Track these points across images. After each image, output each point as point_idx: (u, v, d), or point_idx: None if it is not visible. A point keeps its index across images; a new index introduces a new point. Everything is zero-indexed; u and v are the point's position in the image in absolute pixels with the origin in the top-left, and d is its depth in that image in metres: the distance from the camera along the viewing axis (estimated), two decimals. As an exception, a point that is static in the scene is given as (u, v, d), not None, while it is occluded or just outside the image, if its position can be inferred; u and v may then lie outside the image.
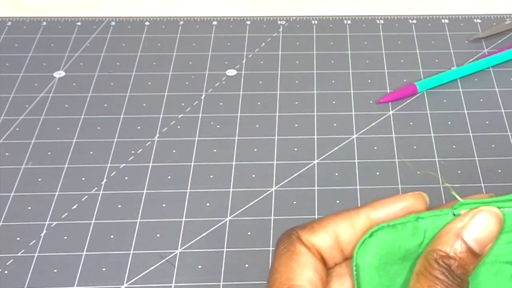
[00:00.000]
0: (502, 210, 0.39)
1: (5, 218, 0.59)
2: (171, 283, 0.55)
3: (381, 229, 0.38)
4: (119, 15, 0.80)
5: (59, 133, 0.66)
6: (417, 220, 0.39)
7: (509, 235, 0.39)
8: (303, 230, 0.39)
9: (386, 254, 0.38)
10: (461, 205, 0.39)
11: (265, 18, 0.80)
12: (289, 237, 0.39)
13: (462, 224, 0.38)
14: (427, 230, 0.39)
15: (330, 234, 0.39)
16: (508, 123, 0.67)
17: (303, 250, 0.39)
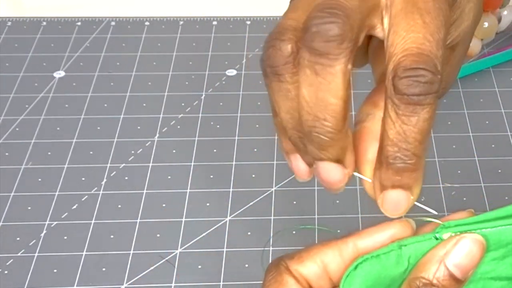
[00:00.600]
0: (484, 231, 0.39)
1: (5, 218, 0.59)
2: (171, 283, 0.55)
3: (365, 261, 0.39)
4: (119, 15, 0.80)
5: (59, 133, 0.66)
6: (400, 248, 0.39)
7: (492, 253, 0.40)
8: (291, 260, 0.39)
9: (372, 285, 0.39)
10: (442, 228, 0.39)
11: (265, 18, 0.80)
12: (277, 267, 0.40)
13: (445, 250, 0.38)
14: (410, 256, 0.39)
15: (318, 263, 0.39)
16: (508, 123, 0.67)
17: (290, 281, 0.39)
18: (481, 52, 0.74)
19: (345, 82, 0.36)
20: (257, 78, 0.72)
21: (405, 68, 0.36)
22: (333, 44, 0.35)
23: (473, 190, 0.61)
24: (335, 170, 0.38)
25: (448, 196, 0.60)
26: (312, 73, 0.36)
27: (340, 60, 0.35)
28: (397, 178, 0.38)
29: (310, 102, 0.36)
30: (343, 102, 0.36)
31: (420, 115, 0.36)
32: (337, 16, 0.35)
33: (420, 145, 0.37)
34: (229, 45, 0.76)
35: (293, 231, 0.57)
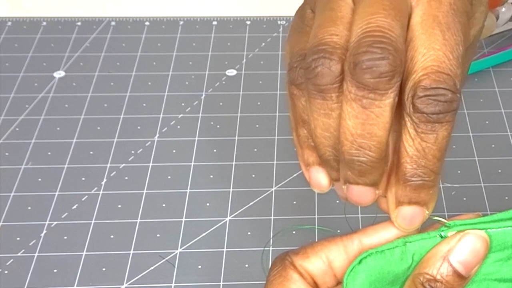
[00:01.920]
0: (488, 231, 0.39)
1: (5, 218, 0.59)
2: (171, 283, 0.55)
3: (370, 256, 0.39)
4: (119, 15, 0.80)
5: (59, 133, 0.66)
6: (405, 244, 0.39)
7: (496, 254, 0.40)
8: (297, 256, 0.40)
9: (376, 280, 0.39)
10: (448, 227, 0.39)
11: (265, 18, 0.80)
12: (283, 262, 0.40)
13: (449, 247, 0.39)
14: (415, 253, 0.39)
15: (323, 259, 0.39)
16: (508, 123, 0.67)
17: (295, 276, 0.39)
18: (481, 52, 0.74)
19: (392, 114, 0.36)
20: (257, 78, 0.72)
21: (425, 88, 0.35)
22: (384, 80, 0.35)
23: (473, 190, 0.61)
24: (368, 192, 0.38)
25: (448, 196, 0.60)
26: (359, 107, 0.35)
27: (390, 95, 0.35)
28: (414, 195, 0.37)
29: (355, 134, 0.36)
30: (388, 133, 0.36)
31: (439, 133, 0.36)
32: (387, 52, 0.35)
33: (438, 162, 0.37)
34: (229, 45, 0.76)
35: (293, 231, 0.57)
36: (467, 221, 0.39)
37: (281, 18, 0.80)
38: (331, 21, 0.38)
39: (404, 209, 0.38)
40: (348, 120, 0.36)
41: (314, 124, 0.38)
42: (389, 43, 0.35)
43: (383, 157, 0.36)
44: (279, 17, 0.80)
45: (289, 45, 0.42)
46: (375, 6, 0.36)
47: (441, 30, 0.36)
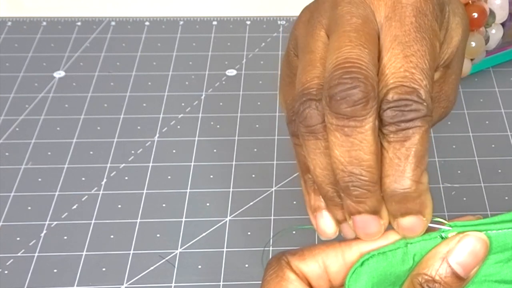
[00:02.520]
0: (488, 233, 0.39)
1: (5, 218, 0.59)
2: (171, 283, 0.55)
3: (372, 258, 0.39)
4: (119, 15, 0.80)
5: (59, 133, 0.66)
6: (406, 245, 0.39)
7: (497, 256, 0.40)
8: (293, 256, 0.40)
9: (378, 282, 0.39)
10: (449, 228, 0.39)
11: (265, 18, 0.80)
12: (279, 262, 0.40)
13: (448, 248, 0.39)
14: (416, 254, 0.39)
15: (319, 263, 0.39)
16: (508, 123, 0.67)
17: (292, 276, 0.39)
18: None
19: (375, 137, 0.37)
20: (257, 78, 0.72)
21: (388, 101, 0.38)
22: (359, 107, 0.37)
23: (473, 190, 0.61)
24: (373, 222, 0.39)
25: (448, 196, 0.60)
26: (342, 135, 0.37)
27: (368, 119, 0.37)
28: (402, 206, 0.38)
29: (344, 162, 0.38)
30: (375, 156, 0.37)
31: (409, 141, 0.37)
32: (358, 80, 0.37)
33: (415, 170, 0.38)
34: (229, 45, 0.76)
35: (293, 231, 0.57)
36: (467, 222, 0.39)
37: (281, 18, 0.80)
38: (311, 64, 0.40)
39: (400, 221, 0.39)
40: (335, 150, 0.38)
41: (313, 165, 0.40)
42: (358, 71, 0.37)
43: (377, 180, 0.38)
44: (279, 17, 0.80)
45: (282, 97, 0.45)
46: (341, 39, 0.38)
47: (402, 49, 0.38)
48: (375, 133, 0.37)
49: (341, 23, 0.39)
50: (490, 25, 0.51)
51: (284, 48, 0.76)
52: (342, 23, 0.39)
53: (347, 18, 0.39)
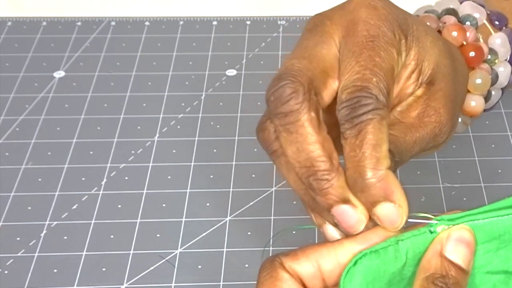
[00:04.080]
0: (475, 223, 0.40)
1: (5, 218, 0.59)
2: (171, 283, 0.55)
3: (364, 256, 0.39)
4: (119, 15, 0.80)
5: (59, 133, 0.66)
6: (397, 243, 0.40)
7: (485, 245, 0.41)
8: (287, 257, 0.40)
9: (372, 280, 0.39)
10: (435, 223, 0.40)
11: (265, 18, 0.80)
12: (272, 264, 0.40)
13: (441, 245, 0.40)
14: (408, 251, 0.40)
15: (312, 263, 0.40)
16: (508, 123, 0.67)
17: (285, 276, 0.39)
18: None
19: (314, 128, 0.41)
20: (257, 78, 0.72)
21: (342, 101, 0.41)
22: (291, 101, 0.40)
23: (473, 190, 0.61)
24: (348, 211, 0.41)
25: (448, 196, 0.60)
26: (287, 134, 0.41)
27: (302, 112, 0.40)
28: (367, 195, 0.40)
29: (296, 158, 0.41)
30: (320, 145, 0.40)
31: (362, 132, 0.40)
32: (285, 79, 0.41)
33: (370, 158, 0.40)
34: (229, 45, 0.76)
35: (293, 231, 0.57)
36: (453, 215, 0.40)
37: (281, 18, 0.80)
38: None
39: (375, 211, 0.40)
40: (288, 151, 0.41)
41: (288, 181, 0.43)
42: (285, 73, 0.41)
43: (332, 168, 0.40)
44: (279, 17, 0.80)
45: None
46: (289, 57, 0.43)
47: (355, 57, 0.42)
48: (314, 123, 0.41)
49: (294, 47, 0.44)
50: (494, 62, 0.53)
51: (284, 48, 0.76)
52: (294, 47, 0.44)
53: (298, 43, 0.45)
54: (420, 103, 0.46)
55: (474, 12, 0.54)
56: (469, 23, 0.53)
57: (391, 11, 0.44)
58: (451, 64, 0.48)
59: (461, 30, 0.52)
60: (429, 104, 0.46)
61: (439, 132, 0.47)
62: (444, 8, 0.54)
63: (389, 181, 0.40)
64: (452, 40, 0.51)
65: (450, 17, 0.53)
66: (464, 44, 0.53)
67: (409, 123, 0.46)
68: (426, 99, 0.46)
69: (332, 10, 0.45)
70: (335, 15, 0.45)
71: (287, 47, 0.76)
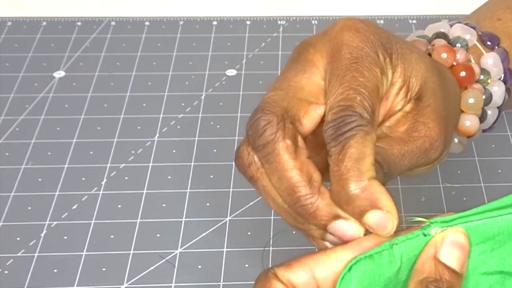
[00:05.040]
0: (469, 225, 0.40)
1: (5, 218, 0.59)
2: (171, 283, 0.55)
3: (359, 262, 0.39)
4: (119, 15, 0.80)
5: (59, 133, 0.66)
6: (391, 247, 0.40)
7: (480, 246, 0.41)
8: (280, 268, 0.41)
9: (368, 285, 0.39)
10: (429, 225, 0.40)
11: (265, 18, 0.80)
12: (266, 275, 0.41)
13: (435, 249, 0.40)
14: (402, 255, 0.40)
15: (306, 271, 0.40)
16: (508, 123, 0.67)
17: (279, 286, 0.40)
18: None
19: (291, 154, 0.42)
20: (257, 78, 0.72)
21: (327, 122, 0.42)
22: (266, 133, 0.42)
23: (473, 190, 0.61)
24: (343, 225, 0.41)
25: (448, 196, 0.60)
26: (268, 165, 0.42)
27: (277, 141, 0.42)
28: (353, 207, 0.41)
29: (279, 187, 0.42)
30: (297, 170, 0.42)
31: (344, 148, 0.41)
32: (260, 112, 0.43)
33: (353, 171, 0.41)
34: (229, 45, 0.76)
35: (293, 231, 0.57)
36: (447, 217, 0.40)
37: (281, 18, 0.80)
38: None
39: (364, 221, 0.41)
40: (272, 181, 0.42)
41: (268, 204, 0.44)
42: (262, 107, 0.43)
43: (314, 191, 0.41)
44: (279, 17, 0.80)
45: None
46: (269, 89, 0.45)
47: (339, 80, 0.43)
48: (290, 150, 0.42)
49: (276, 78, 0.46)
50: (487, 82, 0.53)
51: (284, 48, 0.76)
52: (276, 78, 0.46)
53: (280, 74, 0.46)
54: (409, 119, 0.47)
55: (465, 34, 0.55)
56: (459, 45, 0.54)
57: (374, 32, 0.45)
58: (440, 81, 0.49)
59: (451, 52, 0.53)
60: (418, 119, 0.47)
61: (430, 147, 0.47)
62: (434, 33, 0.55)
63: (373, 190, 0.41)
64: (441, 61, 0.52)
65: (440, 40, 0.54)
66: (454, 65, 0.53)
67: (397, 137, 0.46)
68: (415, 114, 0.47)
69: (315, 37, 0.47)
70: (319, 43, 0.46)
71: (287, 47, 0.76)
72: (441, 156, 0.49)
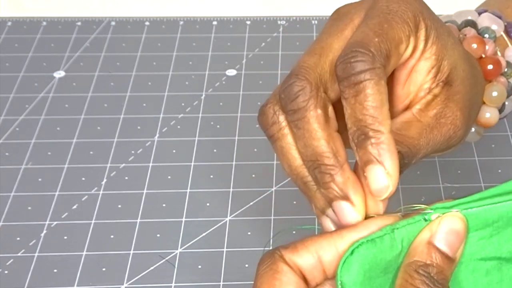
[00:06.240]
0: (469, 211, 0.41)
1: (5, 218, 0.59)
2: (171, 283, 0.55)
3: (361, 245, 0.39)
4: (119, 15, 0.80)
5: (59, 133, 0.67)
6: (393, 231, 0.40)
7: (479, 233, 0.41)
8: (286, 250, 0.40)
9: (369, 269, 0.39)
10: (431, 211, 0.41)
11: (265, 18, 0.80)
12: (272, 256, 0.40)
13: (431, 233, 0.40)
14: (403, 239, 0.40)
15: (312, 254, 0.40)
16: (508, 123, 0.67)
17: (285, 268, 0.39)
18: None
19: (320, 124, 0.42)
20: (257, 78, 0.72)
21: (340, 57, 0.41)
22: (298, 99, 0.42)
23: (473, 190, 0.60)
24: (346, 209, 0.41)
25: (448, 196, 0.60)
26: (297, 129, 0.42)
27: (309, 109, 0.42)
28: (363, 153, 0.41)
29: (304, 152, 0.42)
30: (325, 141, 0.42)
31: (361, 94, 0.40)
32: (294, 77, 0.42)
33: (373, 119, 0.40)
34: (229, 45, 0.76)
35: (293, 231, 0.57)
36: (447, 203, 0.41)
37: (281, 18, 0.80)
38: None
39: (365, 171, 0.41)
40: (298, 145, 0.43)
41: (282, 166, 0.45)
42: (297, 70, 0.43)
43: (336, 164, 0.41)
44: (279, 17, 0.80)
45: None
46: (306, 51, 0.44)
47: (364, 22, 0.43)
48: (321, 120, 0.42)
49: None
50: (510, 75, 0.53)
51: (284, 48, 0.76)
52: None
53: (318, 35, 0.46)
54: (438, 103, 0.47)
55: (492, 24, 0.55)
56: (488, 36, 0.54)
57: (420, 2, 0.45)
58: (470, 71, 0.49)
59: (481, 43, 0.53)
60: (447, 104, 0.46)
61: (453, 135, 0.47)
62: (463, 20, 0.55)
63: (386, 147, 0.41)
64: (471, 52, 0.52)
65: (470, 30, 0.54)
66: (483, 57, 0.53)
67: (426, 123, 0.46)
68: (445, 99, 0.47)
69: (354, 2, 0.47)
70: (357, 5, 0.46)
71: (287, 47, 0.76)
72: (458, 145, 0.49)
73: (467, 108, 0.48)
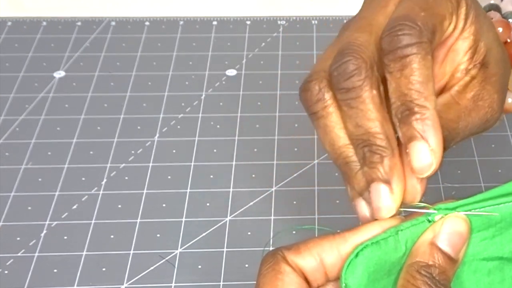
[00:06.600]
0: (468, 214, 0.40)
1: (5, 218, 0.59)
2: (171, 283, 0.55)
3: (366, 248, 0.39)
4: (119, 15, 0.80)
5: (59, 133, 0.66)
6: (397, 233, 0.40)
7: (482, 233, 0.41)
8: (289, 251, 0.40)
9: (374, 271, 0.39)
10: (435, 212, 0.41)
11: (265, 18, 0.80)
12: (274, 257, 0.40)
13: (434, 234, 0.40)
14: (407, 240, 0.40)
15: (315, 256, 0.40)
16: (508, 123, 0.67)
17: (288, 269, 0.39)
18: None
19: (375, 105, 0.40)
20: (257, 78, 0.72)
21: (385, 30, 0.41)
22: (353, 78, 0.40)
23: (473, 190, 0.60)
24: (384, 193, 0.40)
25: (448, 196, 0.60)
26: (348, 108, 0.41)
27: (364, 89, 0.40)
28: (407, 128, 0.40)
29: (355, 131, 0.41)
30: (379, 123, 0.40)
31: (407, 69, 0.40)
32: (348, 55, 0.41)
33: (419, 94, 0.40)
34: (229, 45, 0.76)
35: (293, 231, 0.57)
36: (451, 204, 0.41)
37: (281, 18, 0.80)
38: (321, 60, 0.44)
39: (409, 147, 0.40)
40: (347, 124, 0.41)
41: (323, 145, 0.43)
42: (349, 48, 0.41)
43: (387, 146, 0.40)
44: (279, 17, 0.80)
45: None
46: (350, 28, 0.43)
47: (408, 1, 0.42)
48: (376, 101, 0.40)
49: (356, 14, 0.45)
50: None
51: (284, 48, 0.76)
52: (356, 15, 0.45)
53: (359, 12, 0.45)
54: (476, 85, 0.46)
55: None
56: (511, 21, 0.53)
57: None
58: (503, 53, 0.48)
59: (507, 28, 0.52)
60: (485, 87, 0.46)
61: (490, 118, 0.46)
62: (487, 4, 0.54)
63: (431, 123, 0.40)
64: None
65: (495, 13, 0.53)
66: (508, 41, 0.52)
67: (464, 106, 0.45)
68: (482, 81, 0.46)
69: None
70: None
71: (287, 47, 0.76)
72: (490, 127, 0.48)
73: (502, 90, 0.47)
